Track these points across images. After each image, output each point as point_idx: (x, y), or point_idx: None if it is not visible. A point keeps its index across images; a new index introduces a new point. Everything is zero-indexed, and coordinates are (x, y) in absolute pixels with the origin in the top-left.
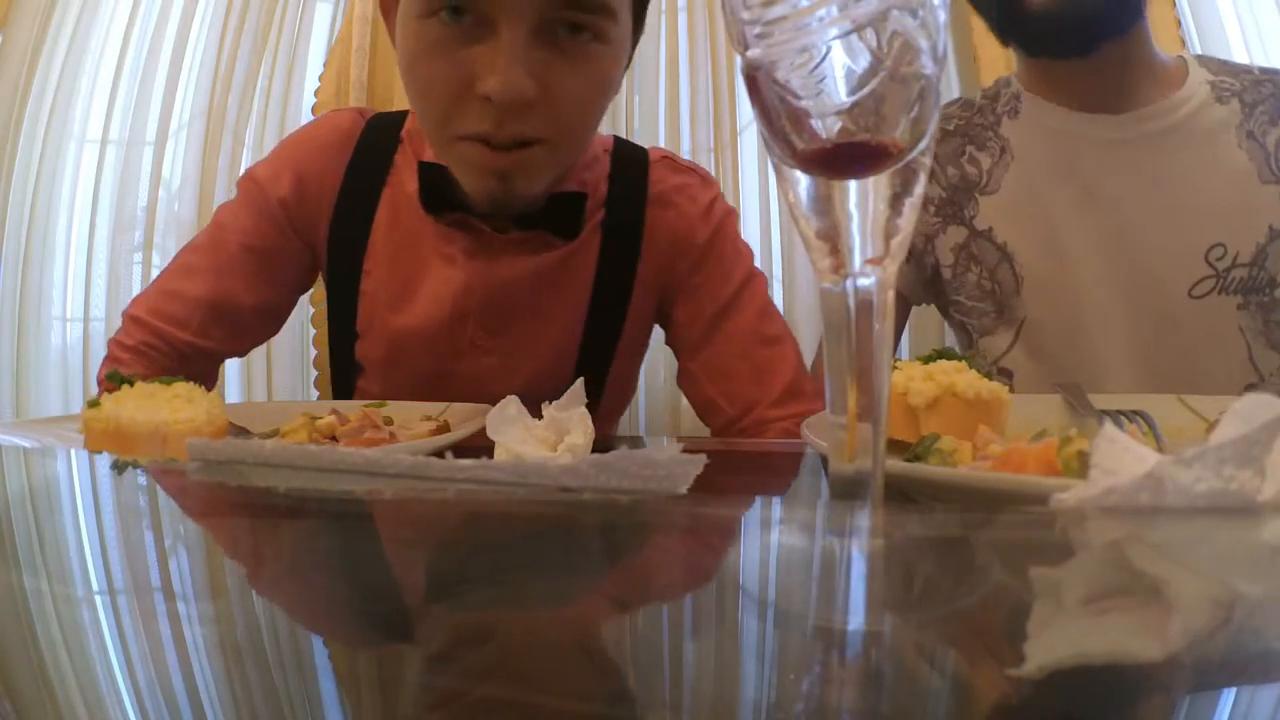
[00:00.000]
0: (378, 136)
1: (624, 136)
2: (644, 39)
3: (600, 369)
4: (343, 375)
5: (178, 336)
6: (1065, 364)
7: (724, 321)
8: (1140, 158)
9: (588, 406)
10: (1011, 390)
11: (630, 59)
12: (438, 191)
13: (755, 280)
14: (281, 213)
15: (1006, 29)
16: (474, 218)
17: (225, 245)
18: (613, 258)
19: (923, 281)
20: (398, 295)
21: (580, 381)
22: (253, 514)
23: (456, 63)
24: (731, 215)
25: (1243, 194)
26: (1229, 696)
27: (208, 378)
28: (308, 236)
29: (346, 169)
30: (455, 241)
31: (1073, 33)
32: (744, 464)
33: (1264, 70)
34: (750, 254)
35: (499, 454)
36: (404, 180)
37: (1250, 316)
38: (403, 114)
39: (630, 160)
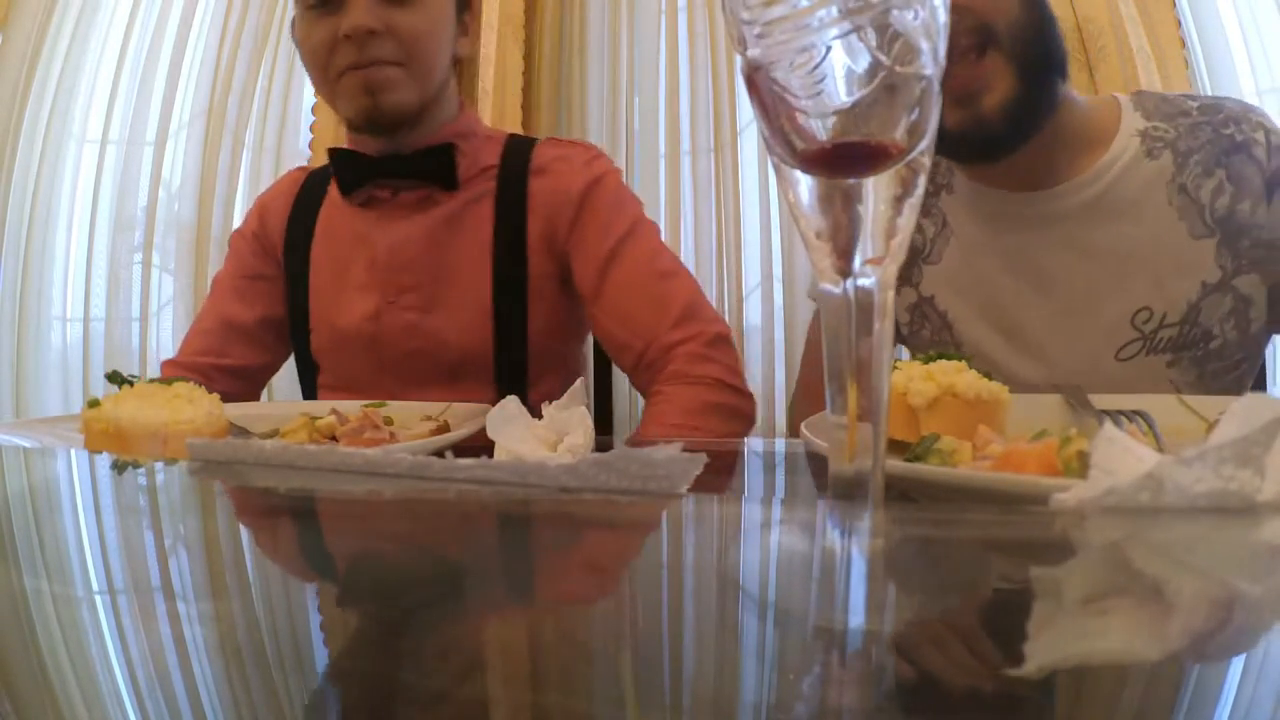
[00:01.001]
0: (318, 175)
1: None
2: (644, 39)
3: (519, 330)
4: (306, 376)
5: (202, 362)
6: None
7: (615, 265)
8: (1069, 230)
9: (515, 370)
10: None
11: (464, 7)
12: (347, 169)
13: (643, 225)
14: (254, 240)
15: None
16: (376, 190)
17: (220, 287)
18: (503, 224)
19: (908, 305)
20: (335, 286)
21: (580, 381)
22: (253, 514)
23: (326, 26)
24: (612, 173)
25: (1173, 254)
26: (1229, 696)
27: (248, 397)
28: (272, 252)
29: (295, 199)
30: (366, 220)
31: (986, 149)
32: (744, 464)
33: (1202, 108)
34: (637, 205)
35: (499, 454)
36: (332, 203)
37: (1182, 371)
38: None
39: (520, 145)
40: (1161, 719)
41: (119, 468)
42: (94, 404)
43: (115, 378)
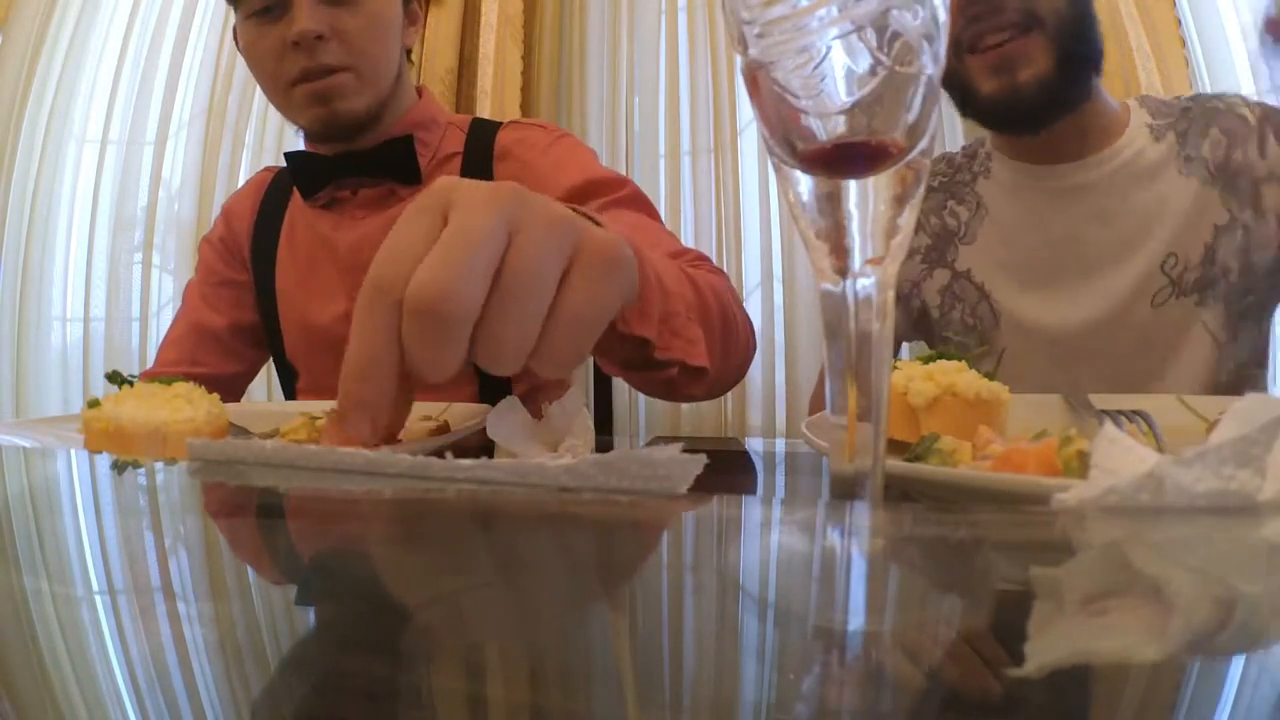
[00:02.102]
0: (283, 177)
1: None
2: (644, 39)
3: None
4: (287, 382)
5: (175, 371)
6: (1045, 389)
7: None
8: (1096, 199)
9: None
10: None
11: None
12: (305, 173)
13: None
14: (221, 246)
15: (963, 107)
16: (338, 190)
17: (191, 295)
18: None
19: (910, 323)
20: (303, 289)
21: (580, 382)
22: (253, 514)
23: (273, 36)
24: (577, 146)
25: (1186, 205)
26: (1229, 696)
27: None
28: (239, 256)
29: (260, 203)
30: (325, 221)
31: (1020, 118)
32: (744, 464)
33: (1189, 99)
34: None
35: (499, 454)
36: (299, 203)
37: (1210, 310)
38: None
39: (483, 129)
40: (1161, 719)
41: (119, 468)
42: (94, 404)
43: (115, 378)
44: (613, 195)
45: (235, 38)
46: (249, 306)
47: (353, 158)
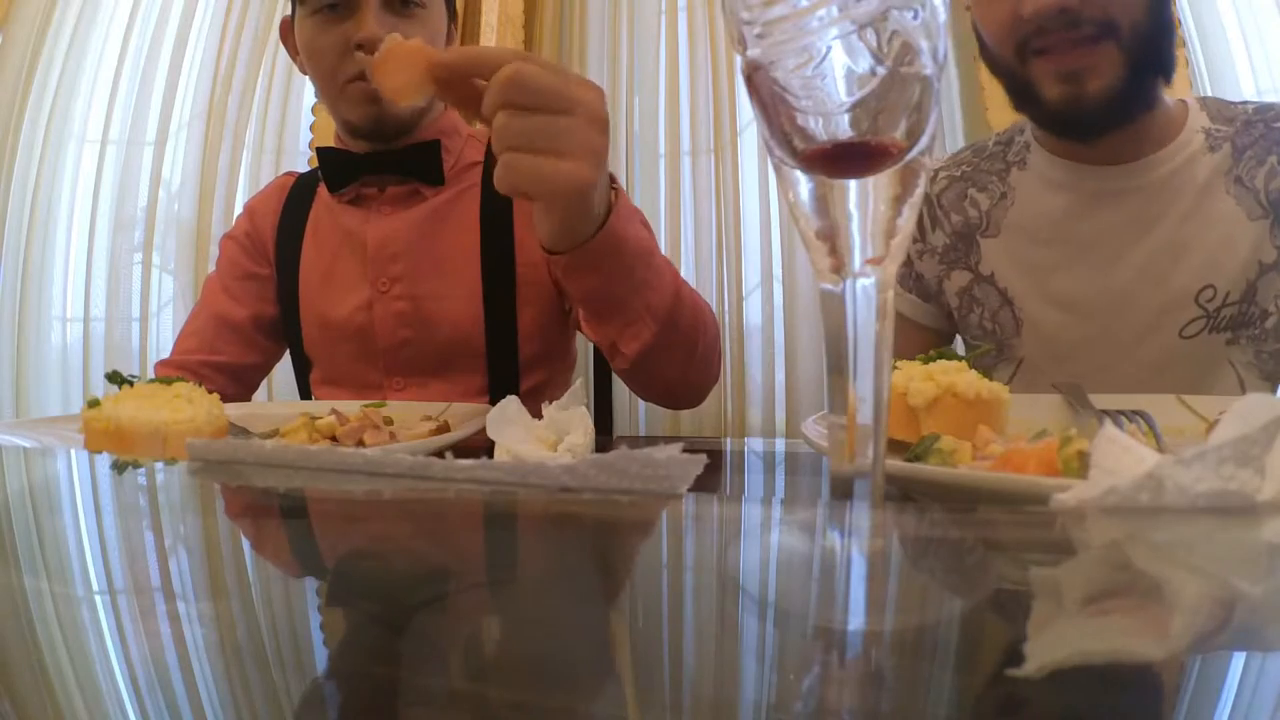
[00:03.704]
0: (307, 179)
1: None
2: (644, 39)
3: (509, 318)
4: (301, 374)
5: (193, 359)
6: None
7: None
8: (1136, 207)
9: (506, 358)
10: None
11: (452, 19)
12: (334, 168)
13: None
14: (245, 240)
15: (1020, 105)
16: (364, 187)
17: (211, 288)
18: (490, 216)
19: (945, 315)
20: (326, 281)
21: (580, 381)
22: (253, 514)
23: (337, 34)
24: None
25: (1231, 235)
26: (1229, 696)
27: (240, 398)
28: (264, 251)
29: (285, 201)
30: (353, 216)
31: (1081, 126)
32: (744, 464)
33: (1258, 109)
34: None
35: (499, 454)
36: (321, 202)
37: (1240, 350)
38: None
39: None
40: (1161, 719)
41: (119, 468)
42: (94, 404)
43: (115, 378)
44: None
45: (283, 31)
46: (270, 300)
47: (382, 156)
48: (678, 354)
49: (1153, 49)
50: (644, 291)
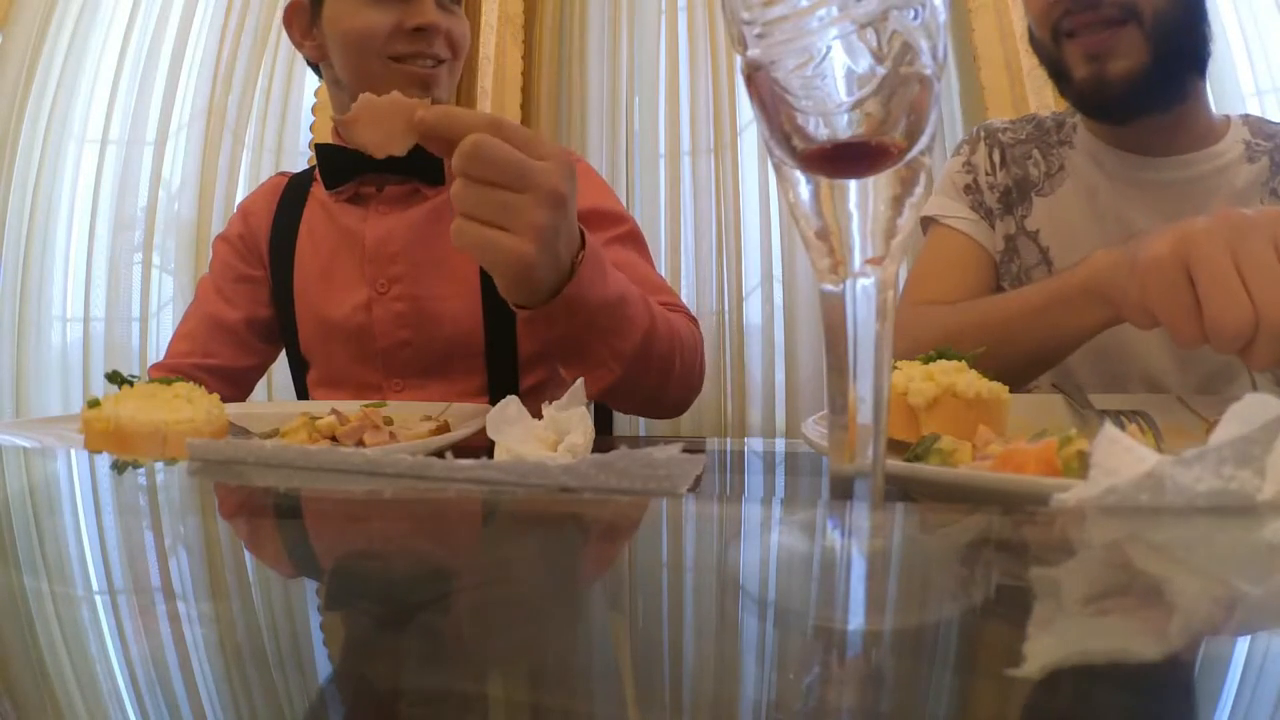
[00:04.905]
0: (301, 178)
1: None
2: (644, 39)
3: (508, 318)
4: (298, 375)
5: (186, 363)
6: (1081, 369)
7: None
8: (1171, 200)
9: (505, 358)
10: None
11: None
12: (333, 165)
13: (625, 227)
14: (239, 242)
15: (1060, 88)
16: (362, 186)
17: (205, 290)
18: None
19: (1005, 235)
20: (322, 281)
21: (581, 381)
22: (253, 514)
23: (389, 13)
24: (588, 173)
25: None
26: (1229, 696)
27: (234, 400)
28: (257, 252)
29: (278, 202)
30: (351, 215)
31: (1108, 107)
32: (744, 464)
33: None
34: (613, 200)
35: (499, 454)
36: (316, 201)
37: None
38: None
39: None
40: (1161, 719)
41: (119, 468)
42: (94, 404)
43: (115, 378)
44: (613, 231)
45: (290, 13)
46: (264, 301)
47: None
48: (651, 379)
49: (1178, 37)
50: (610, 339)
